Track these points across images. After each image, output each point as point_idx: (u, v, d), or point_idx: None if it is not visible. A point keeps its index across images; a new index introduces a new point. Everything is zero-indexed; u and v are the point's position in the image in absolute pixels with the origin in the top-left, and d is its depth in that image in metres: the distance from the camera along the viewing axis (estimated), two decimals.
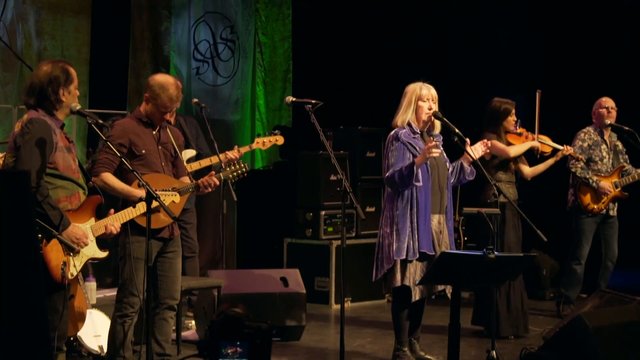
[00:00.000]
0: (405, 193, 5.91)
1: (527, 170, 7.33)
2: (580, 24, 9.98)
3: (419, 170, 5.81)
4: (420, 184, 5.86)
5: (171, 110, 5.46)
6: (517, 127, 7.19)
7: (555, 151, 7.44)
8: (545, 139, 7.41)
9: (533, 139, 7.20)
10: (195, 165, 6.96)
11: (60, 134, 4.79)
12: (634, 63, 9.77)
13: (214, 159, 6.90)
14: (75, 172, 4.83)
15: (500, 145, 7.02)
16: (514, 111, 7.12)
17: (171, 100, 5.38)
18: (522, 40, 10.38)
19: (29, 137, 4.64)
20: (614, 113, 7.81)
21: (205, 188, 5.47)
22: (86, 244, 4.77)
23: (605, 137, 7.84)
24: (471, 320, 7.16)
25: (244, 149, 7.12)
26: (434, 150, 5.74)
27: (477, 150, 6.05)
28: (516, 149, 7.07)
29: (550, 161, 7.43)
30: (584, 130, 7.83)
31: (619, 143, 7.94)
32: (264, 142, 7.28)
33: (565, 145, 7.48)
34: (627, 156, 7.94)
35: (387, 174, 5.91)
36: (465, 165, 6.10)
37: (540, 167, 7.43)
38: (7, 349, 3.11)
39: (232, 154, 6.89)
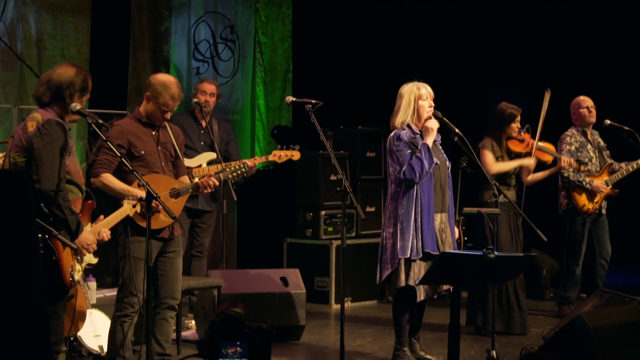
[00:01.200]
0: (409, 192, 5.91)
1: (526, 176, 7.32)
2: (581, 24, 9.98)
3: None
4: (439, 162, 5.90)
5: (172, 110, 5.46)
6: (522, 133, 7.19)
7: (555, 160, 7.44)
8: (547, 147, 7.40)
9: (533, 146, 7.18)
10: (213, 169, 6.99)
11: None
12: (634, 63, 9.77)
13: (234, 164, 6.98)
14: (80, 177, 4.81)
15: (487, 158, 7.02)
16: (519, 118, 7.13)
17: (173, 99, 5.38)
18: (522, 40, 10.38)
19: (48, 139, 4.57)
20: (594, 112, 7.81)
21: (204, 188, 5.49)
22: (95, 249, 4.76)
23: (589, 137, 7.84)
24: (466, 320, 7.16)
25: (260, 160, 7.21)
26: (433, 124, 5.93)
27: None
28: (499, 167, 7.04)
29: (550, 171, 7.45)
30: (568, 133, 7.81)
31: (600, 140, 7.94)
32: (280, 156, 7.33)
33: (563, 157, 7.46)
34: (608, 151, 7.94)
35: (403, 169, 5.89)
36: None
37: (539, 175, 7.46)
38: (7, 349, 3.11)
39: (250, 162, 6.98)
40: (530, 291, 8.79)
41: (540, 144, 7.32)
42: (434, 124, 5.96)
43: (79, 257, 4.71)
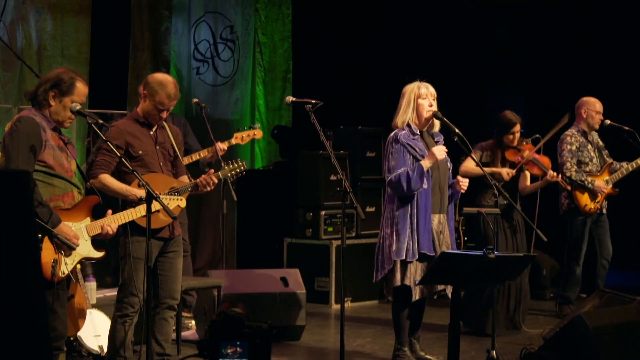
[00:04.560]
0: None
1: (522, 185, 7.33)
2: (580, 24, 9.98)
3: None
4: (426, 186, 5.88)
5: (168, 109, 5.44)
6: (525, 142, 7.19)
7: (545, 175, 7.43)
8: (541, 160, 7.35)
9: (526, 158, 7.16)
10: (186, 159, 6.97)
11: (52, 133, 4.77)
12: (633, 63, 9.77)
13: (195, 156, 6.94)
14: (67, 171, 4.80)
15: (467, 165, 6.99)
16: (518, 127, 7.13)
17: (169, 98, 5.37)
18: (522, 40, 10.38)
19: (16, 135, 4.65)
20: (601, 117, 7.83)
21: (204, 187, 5.47)
22: (76, 245, 4.72)
23: (589, 138, 7.84)
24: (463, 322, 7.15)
25: (224, 145, 7.10)
26: (439, 153, 5.84)
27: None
28: (467, 168, 6.99)
29: (538, 184, 7.42)
30: (568, 133, 7.79)
31: (599, 140, 7.95)
32: (242, 137, 7.27)
33: (549, 171, 7.39)
34: (607, 151, 7.94)
35: (391, 177, 5.89)
36: (456, 189, 6.10)
37: (530, 188, 7.43)
38: (7, 349, 3.11)
39: (210, 150, 6.93)
40: (530, 291, 8.78)
41: (537, 156, 7.28)
42: (440, 154, 5.89)
43: (62, 252, 4.68)
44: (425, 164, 5.86)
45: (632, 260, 9.53)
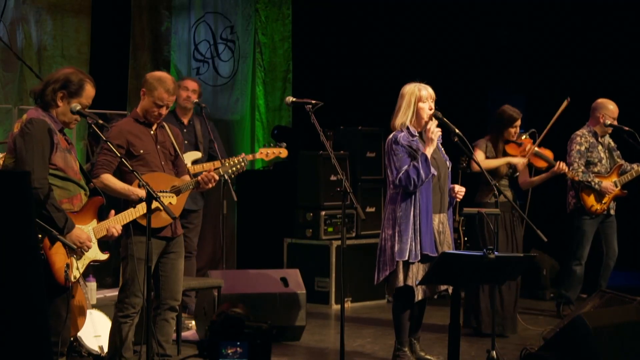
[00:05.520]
0: (407, 194, 5.90)
1: (523, 179, 7.33)
2: (581, 24, 9.98)
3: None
4: (436, 173, 5.87)
5: (167, 105, 5.44)
6: (523, 136, 7.19)
7: (551, 166, 7.43)
8: (544, 153, 7.36)
9: (529, 151, 7.16)
10: (198, 168, 6.98)
11: (60, 135, 4.76)
12: (634, 63, 9.77)
13: (217, 164, 6.96)
14: (76, 174, 4.80)
15: (475, 156, 7.00)
16: (518, 122, 7.12)
17: (168, 92, 5.37)
18: (522, 40, 10.38)
19: (29, 137, 4.59)
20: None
21: (205, 184, 5.46)
22: (89, 248, 4.74)
23: (600, 139, 7.83)
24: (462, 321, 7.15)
25: (248, 157, 7.15)
26: (434, 130, 5.85)
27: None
28: (486, 164, 6.95)
29: (545, 176, 7.43)
30: (579, 133, 7.78)
31: (610, 141, 7.94)
32: (267, 154, 7.34)
33: (559, 162, 7.42)
34: (619, 152, 7.94)
35: (399, 176, 5.87)
36: (452, 197, 6.12)
37: (535, 180, 7.44)
38: (7, 350, 3.11)
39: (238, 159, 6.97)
40: (530, 291, 8.79)
41: (538, 149, 7.29)
42: (436, 135, 5.90)
43: (75, 255, 4.70)
44: (428, 150, 5.86)
45: (633, 261, 9.53)
